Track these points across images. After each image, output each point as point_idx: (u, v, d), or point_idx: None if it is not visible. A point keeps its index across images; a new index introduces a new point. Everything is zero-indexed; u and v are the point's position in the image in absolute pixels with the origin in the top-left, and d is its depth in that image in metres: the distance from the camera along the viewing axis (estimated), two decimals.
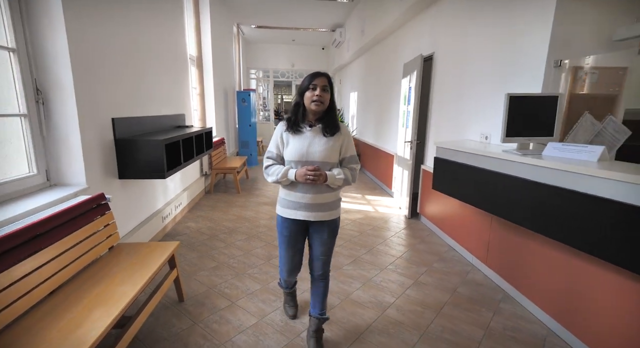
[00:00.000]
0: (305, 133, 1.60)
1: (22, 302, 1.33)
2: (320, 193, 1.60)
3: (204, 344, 1.79)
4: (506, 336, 1.91)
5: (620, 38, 1.95)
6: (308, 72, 1.65)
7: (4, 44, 1.76)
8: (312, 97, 1.54)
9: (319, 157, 1.57)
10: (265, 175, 1.64)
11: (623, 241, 1.41)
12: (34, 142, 1.94)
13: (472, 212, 2.78)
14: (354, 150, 1.68)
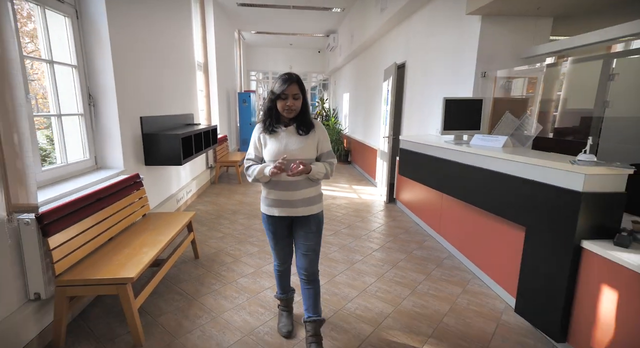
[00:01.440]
0: (280, 133, 1.63)
1: (97, 239, 1.98)
2: (301, 189, 1.63)
3: (215, 283, 2.44)
4: (441, 279, 2.54)
5: (526, 56, 2.58)
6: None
7: (69, 62, 2.40)
8: (284, 107, 1.57)
9: (296, 155, 1.60)
10: (247, 176, 1.69)
11: (511, 203, 2.04)
12: (87, 135, 2.58)
13: (430, 193, 3.41)
14: (329, 145, 1.73)
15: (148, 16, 3.20)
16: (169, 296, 2.26)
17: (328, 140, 1.73)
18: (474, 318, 2.07)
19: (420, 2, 3.52)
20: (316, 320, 1.74)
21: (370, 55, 6.12)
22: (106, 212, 2.16)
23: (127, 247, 2.07)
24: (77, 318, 2.00)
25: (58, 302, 1.70)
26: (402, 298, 2.28)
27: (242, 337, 1.86)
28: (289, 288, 1.97)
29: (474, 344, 1.84)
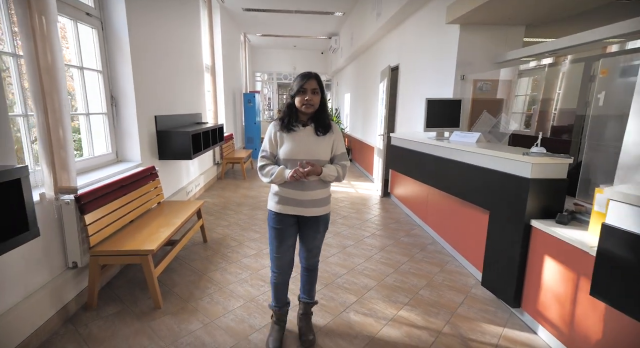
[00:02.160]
0: (298, 132, 1.63)
1: (122, 220, 2.32)
2: (314, 190, 1.63)
3: (222, 262, 2.77)
4: (422, 260, 2.84)
5: (499, 61, 2.87)
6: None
7: (96, 68, 2.75)
8: (302, 101, 1.58)
9: (312, 155, 1.60)
10: (259, 175, 1.67)
11: (479, 190, 2.33)
12: (110, 132, 2.93)
13: (418, 186, 3.70)
14: (344, 147, 1.73)
15: (162, 25, 3.55)
16: (182, 272, 2.60)
17: (343, 142, 1.72)
18: (446, 291, 2.37)
19: (410, 10, 3.81)
20: (310, 302, 1.87)
21: (368, 58, 6.41)
22: (128, 198, 2.50)
23: (146, 227, 2.41)
24: (105, 287, 2.34)
25: (92, 269, 2.04)
26: (385, 275, 2.59)
27: (245, 303, 2.19)
28: (285, 301, 1.85)
29: (443, 310, 2.14)
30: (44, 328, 1.82)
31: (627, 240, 1.22)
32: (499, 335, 1.90)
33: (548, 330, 1.82)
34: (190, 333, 1.89)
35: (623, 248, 1.24)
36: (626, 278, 1.24)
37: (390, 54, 5.03)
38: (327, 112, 1.68)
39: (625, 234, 1.22)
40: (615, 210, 1.26)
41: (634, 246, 1.20)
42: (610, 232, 1.27)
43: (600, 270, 1.34)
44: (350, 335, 1.90)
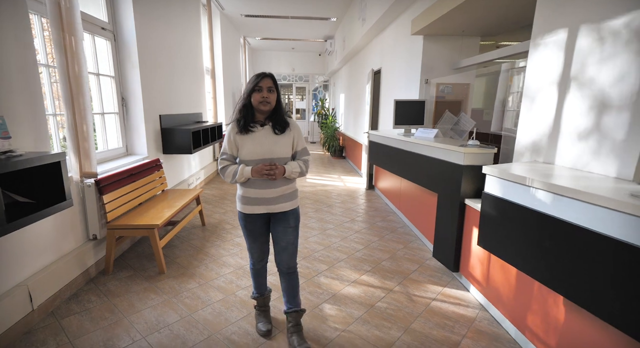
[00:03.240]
0: (256, 132, 1.63)
1: (132, 202, 2.78)
2: (278, 186, 1.66)
3: (217, 240, 3.22)
4: (391, 240, 3.27)
5: (456, 67, 3.29)
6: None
7: (109, 74, 3.21)
8: (259, 99, 1.59)
9: (274, 154, 1.63)
10: (223, 175, 1.68)
11: (431, 177, 2.76)
12: (120, 129, 3.39)
13: (394, 177, 4.13)
14: (304, 143, 1.75)
15: (166, 33, 4.01)
16: (182, 247, 3.05)
17: (302, 137, 1.75)
18: (405, 262, 2.80)
19: (387, 21, 4.24)
20: (297, 310, 1.80)
21: (358, 61, 6.85)
22: (137, 184, 2.96)
23: (153, 209, 2.87)
24: (118, 258, 2.80)
25: (109, 240, 2.50)
26: (355, 251, 3.02)
27: (234, 270, 2.64)
28: (265, 288, 1.95)
29: (398, 276, 2.57)
30: (71, 284, 2.28)
31: (495, 202, 1.65)
32: (438, 292, 2.34)
33: (476, 287, 2.25)
34: (188, 290, 2.34)
35: (493, 209, 1.67)
36: (496, 230, 1.67)
37: (374, 59, 5.46)
38: (282, 110, 1.69)
39: (494, 198, 1.66)
40: (489, 182, 1.69)
41: (499, 207, 1.64)
42: (486, 197, 1.71)
43: (482, 226, 1.78)
44: (318, 292, 2.34)
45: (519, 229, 1.53)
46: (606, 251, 1.16)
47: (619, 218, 1.11)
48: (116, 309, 2.11)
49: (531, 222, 1.46)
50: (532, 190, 1.46)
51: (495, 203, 1.66)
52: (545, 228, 1.40)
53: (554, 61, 1.64)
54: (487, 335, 1.90)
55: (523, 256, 1.52)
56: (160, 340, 1.83)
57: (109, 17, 3.15)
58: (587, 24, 1.48)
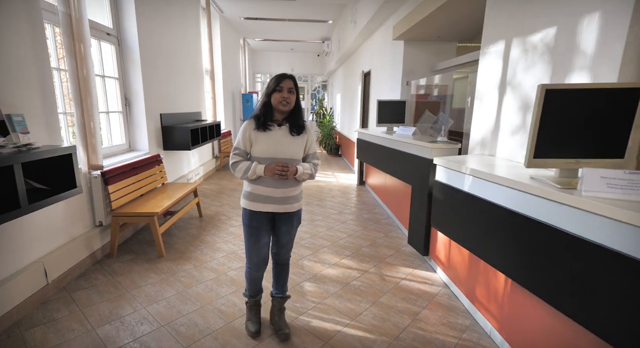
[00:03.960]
0: (273, 131, 1.65)
1: (135, 193, 3.05)
2: (288, 187, 1.69)
3: (212, 230, 3.49)
4: (374, 230, 3.53)
5: (434, 70, 3.54)
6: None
7: (114, 76, 3.48)
8: (279, 99, 1.61)
9: (287, 155, 1.65)
10: (232, 171, 1.70)
11: (408, 171, 3.01)
12: (124, 126, 3.67)
13: (380, 173, 4.38)
14: (316, 147, 1.79)
15: (166, 37, 4.28)
16: (180, 235, 3.33)
17: (315, 142, 1.79)
18: (383, 249, 3.06)
19: (374, 26, 4.49)
20: (283, 296, 1.93)
21: (352, 62, 7.10)
22: (139, 177, 3.24)
23: (153, 199, 3.14)
24: (121, 245, 3.07)
25: (113, 226, 2.77)
26: (339, 239, 3.28)
27: (226, 254, 2.90)
28: (259, 291, 1.93)
29: (374, 260, 2.83)
30: (80, 264, 2.56)
31: (442, 187, 1.92)
32: (408, 273, 2.59)
33: (441, 268, 2.51)
34: (184, 270, 2.61)
35: (440, 193, 1.93)
36: (443, 211, 1.93)
37: (364, 61, 5.71)
38: (301, 112, 1.73)
39: (441, 184, 1.92)
40: (438, 171, 1.95)
41: (444, 191, 1.90)
42: (436, 183, 1.98)
43: (433, 208, 2.04)
44: (300, 272, 2.60)
45: (457, 208, 1.79)
46: (514, 224, 1.42)
47: (519, 196, 1.36)
48: (120, 285, 2.38)
49: (463, 201, 1.73)
50: (464, 176, 1.72)
51: (442, 188, 1.92)
52: (472, 207, 1.66)
53: (496, 68, 1.89)
54: (444, 307, 2.16)
55: (461, 232, 1.78)
56: (158, 310, 2.10)
57: (114, 23, 3.42)
58: (517, 38, 1.73)
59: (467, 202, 1.68)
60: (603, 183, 1.06)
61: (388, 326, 1.98)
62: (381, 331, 1.93)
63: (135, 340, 1.82)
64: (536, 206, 1.30)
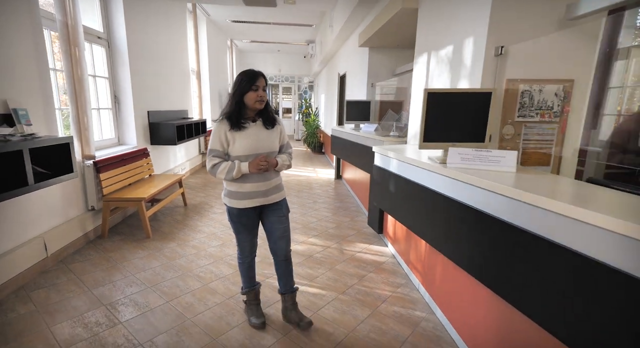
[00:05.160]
0: (249, 128, 1.67)
1: (124, 181, 3.39)
2: (270, 179, 1.75)
3: (196, 216, 3.85)
4: (342, 215, 3.94)
5: (395, 73, 3.98)
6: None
7: (104, 75, 3.81)
8: (256, 98, 1.63)
9: (266, 149, 1.70)
10: (212, 173, 1.70)
11: (367, 162, 3.44)
12: (113, 122, 3.99)
13: (351, 167, 4.80)
14: (287, 137, 1.86)
15: (154, 39, 4.61)
16: (166, 220, 3.68)
17: (285, 132, 1.86)
18: (346, 230, 3.47)
19: (347, 33, 4.92)
20: (294, 291, 1.93)
21: (332, 65, 7.53)
22: (128, 168, 3.57)
23: (141, 188, 3.49)
24: (111, 228, 3.41)
25: (105, 209, 3.11)
26: (310, 222, 3.68)
27: (207, 235, 3.27)
28: (255, 281, 1.98)
29: (337, 237, 3.24)
30: (74, 243, 2.89)
31: (378, 169, 2.34)
32: (364, 248, 3.01)
33: (391, 243, 2.93)
34: (169, 248, 2.97)
35: (377, 174, 2.36)
36: (379, 189, 2.35)
37: (341, 64, 6.14)
38: (270, 106, 1.78)
39: (377, 167, 2.34)
40: (376, 157, 2.37)
41: (379, 172, 2.32)
42: (375, 167, 2.39)
43: (372, 188, 2.46)
44: None
45: (386, 185, 2.22)
46: (417, 193, 1.84)
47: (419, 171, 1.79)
48: (111, 259, 2.73)
49: (389, 179, 2.15)
50: (389, 159, 2.15)
51: (378, 170, 2.34)
52: (395, 183, 2.09)
53: (422, 74, 2.32)
54: (387, 271, 2.58)
55: (390, 204, 2.21)
56: (145, 276, 2.46)
57: (104, 27, 3.75)
58: (433, 51, 2.16)
59: (392, 179, 2.11)
60: (459, 158, 1.49)
61: (338, 285, 2.39)
62: (332, 288, 2.34)
63: (126, 297, 2.19)
64: (428, 177, 1.74)
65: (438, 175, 1.63)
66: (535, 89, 1.67)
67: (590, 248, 0.95)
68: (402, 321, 2.01)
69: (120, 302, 2.13)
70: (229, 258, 2.79)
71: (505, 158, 1.43)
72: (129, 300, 2.15)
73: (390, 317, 2.05)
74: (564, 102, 1.69)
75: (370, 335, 1.88)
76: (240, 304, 2.14)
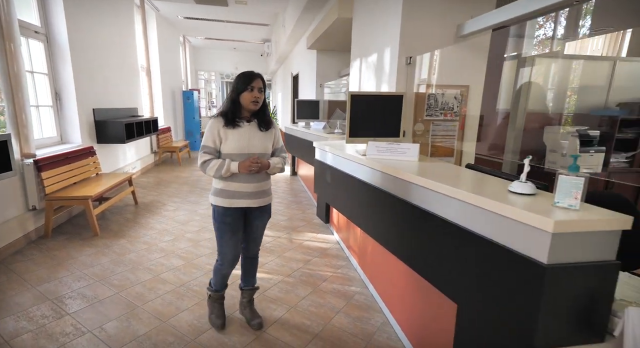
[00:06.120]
0: (243, 128, 1.67)
1: (70, 180, 3.32)
2: (260, 181, 1.73)
3: (147, 214, 3.85)
4: (295, 208, 4.17)
5: (342, 74, 4.29)
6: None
7: (43, 71, 3.66)
8: (251, 99, 1.63)
9: (258, 150, 1.69)
10: (203, 170, 1.68)
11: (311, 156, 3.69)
12: (55, 120, 3.85)
13: (304, 163, 5.04)
14: (281, 141, 1.85)
15: (99, 34, 4.48)
16: (115, 219, 3.65)
17: (280, 136, 1.85)
18: (297, 222, 3.71)
19: (299, 34, 5.14)
20: (253, 288, 1.98)
21: (287, 65, 7.72)
22: (72, 166, 3.49)
23: (87, 186, 3.43)
24: (55, 228, 3.32)
25: (48, 209, 3.04)
26: None
27: (159, 231, 3.32)
28: (225, 286, 1.96)
29: (287, 228, 3.46)
30: (15, 243, 2.81)
31: (318, 162, 2.61)
32: (311, 237, 3.27)
33: (336, 231, 3.22)
34: (119, 244, 2.99)
35: (318, 167, 2.63)
36: (319, 180, 2.62)
37: (294, 65, 6.36)
38: (268, 109, 1.77)
39: (317, 161, 2.62)
40: (316, 151, 2.65)
41: (319, 165, 2.59)
42: (315, 161, 2.66)
43: (315, 178, 2.73)
44: None
45: (324, 176, 2.49)
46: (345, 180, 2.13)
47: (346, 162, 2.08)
48: (56, 257, 2.70)
49: (326, 170, 2.42)
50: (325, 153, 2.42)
51: (318, 163, 2.61)
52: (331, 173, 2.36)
53: (356, 77, 2.62)
54: (330, 256, 2.85)
55: (328, 193, 2.48)
56: (93, 271, 2.49)
57: (42, 21, 3.61)
58: (363, 57, 2.47)
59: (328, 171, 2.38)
60: (376, 150, 1.79)
61: (285, 269, 2.61)
62: (279, 273, 2.56)
63: (73, 291, 2.22)
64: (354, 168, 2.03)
65: (360, 165, 1.92)
66: (439, 93, 2.02)
67: (449, 213, 1.26)
68: (339, 295, 2.29)
69: (67, 295, 2.17)
70: (180, 251, 2.89)
71: (410, 150, 1.75)
72: (76, 294, 2.19)
73: (329, 293, 2.32)
74: (462, 104, 2.06)
75: (309, 309, 2.13)
76: (190, 290, 2.28)
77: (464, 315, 1.23)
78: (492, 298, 1.06)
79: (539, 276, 0.89)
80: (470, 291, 1.17)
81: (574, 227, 0.87)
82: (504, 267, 1.01)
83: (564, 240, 0.87)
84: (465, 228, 1.18)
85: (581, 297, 0.91)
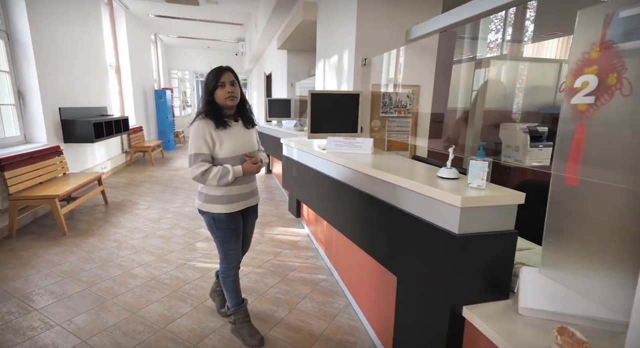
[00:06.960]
0: (233, 128, 1.61)
1: (35, 179, 3.26)
2: (253, 181, 1.75)
3: (117, 213, 3.83)
4: (268, 205, 4.27)
5: (311, 74, 4.43)
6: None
7: (5, 70, 3.56)
8: (225, 94, 1.54)
9: (249, 149, 1.66)
10: (203, 180, 1.57)
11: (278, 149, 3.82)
12: (18, 119, 3.75)
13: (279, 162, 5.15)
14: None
15: (64, 31, 4.38)
16: (84, 218, 3.61)
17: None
18: (270, 217, 3.81)
19: (271, 34, 5.24)
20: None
21: (261, 64, 7.78)
22: (37, 166, 3.43)
23: (54, 186, 3.38)
24: (20, 229, 3.25)
25: (11, 209, 2.98)
26: None
27: (130, 229, 3.33)
28: (241, 296, 1.86)
29: (260, 224, 3.56)
30: None
31: (286, 158, 2.75)
32: (283, 230, 3.39)
33: (306, 224, 3.36)
34: (88, 243, 2.99)
35: (286, 162, 2.77)
36: (287, 174, 2.76)
37: (267, 64, 6.44)
38: (248, 104, 1.71)
39: (285, 157, 2.76)
40: (284, 147, 2.78)
41: (287, 161, 2.73)
42: (283, 157, 2.80)
43: (283, 174, 2.87)
44: (195, 236, 3.19)
45: (291, 170, 2.63)
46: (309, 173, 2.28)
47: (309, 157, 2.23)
48: (22, 257, 2.68)
49: (293, 165, 2.56)
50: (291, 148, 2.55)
51: (285, 159, 2.74)
52: (297, 168, 2.50)
53: (320, 77, 2.77)
54: (300, 247, 2.99)
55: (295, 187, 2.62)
56: (62, 269, 2.50)
57: (2, 18, 3.51)
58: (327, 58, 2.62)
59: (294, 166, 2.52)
60: (335, 144, 1.94)
61: (256, 261, 2.72)
62: (249, 265, 2.66)
63: (40, 288, 2.24)
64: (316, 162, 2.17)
65: (320, 159, 2.07)
66: (393, 91, 2.20)
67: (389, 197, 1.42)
68: (306, 283, 2.42)
69: (34, 292, 2.18)
70: (151, 247, 2.93)
71: (364, 144, 1.91)
72: (44, 291, 2.20)
73: (296, 281, 2.45)
74: (414, 102, 2.25)
75: (277, 296, 2.26)
76: (161, 283, 2.35)
77: (401, 284, 1.40)
78: (421, 267, 1.23)
79: (452, 244, 1.07)
80: (404, 262, 1.34)
81: (477, 202, 1.04)
82: (429, 240, 1.18)
83: (471, 213, 1.05)
84: (401, 208, 1.34)
85: (488, 261, 1.10)
